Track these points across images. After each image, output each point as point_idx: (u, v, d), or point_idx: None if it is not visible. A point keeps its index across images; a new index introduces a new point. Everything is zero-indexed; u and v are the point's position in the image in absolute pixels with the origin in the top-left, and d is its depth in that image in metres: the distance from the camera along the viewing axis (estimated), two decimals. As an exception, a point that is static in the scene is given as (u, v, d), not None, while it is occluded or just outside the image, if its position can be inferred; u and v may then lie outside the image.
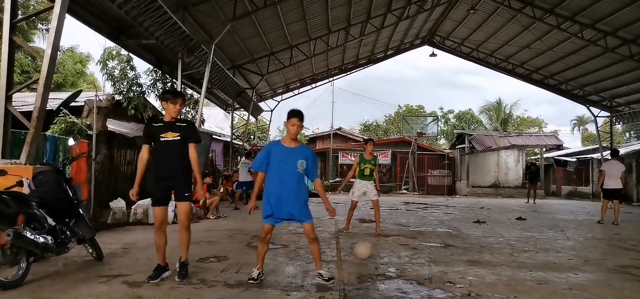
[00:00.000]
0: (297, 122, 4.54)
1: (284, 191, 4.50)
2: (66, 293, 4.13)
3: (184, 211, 4.69)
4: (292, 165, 4.51)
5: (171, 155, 4.61)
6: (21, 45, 8.50)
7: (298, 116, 4.57)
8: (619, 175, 10.91)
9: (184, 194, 4.67)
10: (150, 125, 4.77)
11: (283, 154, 4.56)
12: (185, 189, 4.68)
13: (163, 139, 4.60)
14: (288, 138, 4.63)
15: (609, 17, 15.76)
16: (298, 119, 4.56)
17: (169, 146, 4.61)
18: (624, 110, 23.54)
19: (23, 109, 8.93)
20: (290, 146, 4.61)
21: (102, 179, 10.74)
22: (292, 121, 4.54)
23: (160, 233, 4.72)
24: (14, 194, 4.65)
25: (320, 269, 4.68)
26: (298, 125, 4.55)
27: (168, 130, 4.62)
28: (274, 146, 4.70)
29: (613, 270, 5.66)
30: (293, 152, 4.56)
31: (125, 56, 15.58)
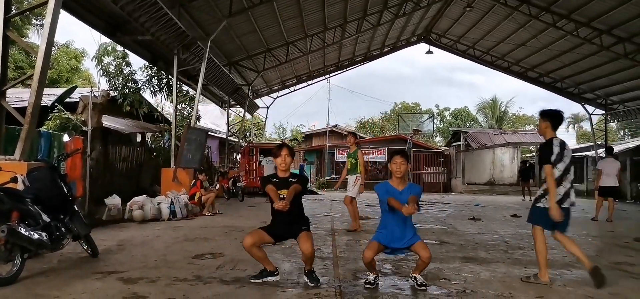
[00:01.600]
0: (399, 161, 4.46)
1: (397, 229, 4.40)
2: (61, 289, 4.12)
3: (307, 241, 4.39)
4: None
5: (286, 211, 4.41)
6: (15, 40, 8.44)
7: (401, 155, 4.50)
8: (615, 173, 10.94)
9: (301, 227, 4.52)
10: (268, 179, 4.67)
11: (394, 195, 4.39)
12: (303, 224, 4.58)
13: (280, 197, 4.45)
14: (395, 179, 4.53)
15: (604, 16, 15.82)
16: (401, 157, 4.48)
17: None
18: (619, 108, 23.67)
19: (17, 105, 8.88)
20: (399, 188, 4.49)
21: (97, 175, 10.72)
22: (395, 160, 4.48)
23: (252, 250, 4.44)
24: (8, 190, 4.62)
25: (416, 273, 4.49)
26: (399, 163, 4.46)
27: (282, 187, 4.53)
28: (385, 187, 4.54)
29: (607, 267, 5.69)
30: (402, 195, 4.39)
31: (120, 52, 15.54)
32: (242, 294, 4.13)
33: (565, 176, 4.70)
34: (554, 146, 4.70)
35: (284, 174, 4.66)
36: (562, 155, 4.70)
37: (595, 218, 11.12)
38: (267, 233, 4.51)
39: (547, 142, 4.78)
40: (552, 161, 4.64)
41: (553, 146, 4.70)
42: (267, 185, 4.56)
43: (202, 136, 14.48)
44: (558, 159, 4.67)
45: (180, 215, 9.79)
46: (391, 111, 47.82)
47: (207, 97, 22.69)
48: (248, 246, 4.37)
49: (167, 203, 9.69)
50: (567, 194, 4.73)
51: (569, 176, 4.72)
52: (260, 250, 4.51)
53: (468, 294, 4.26)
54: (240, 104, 22.81)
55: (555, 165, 4.65)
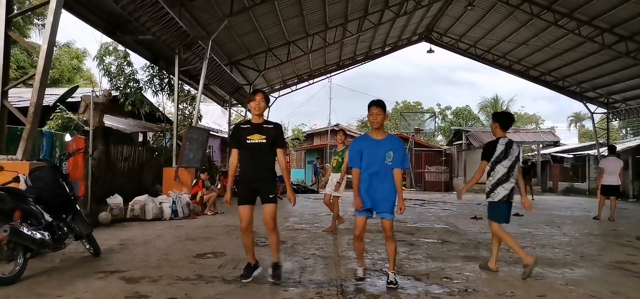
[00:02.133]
0: (375, 111, 4.43)
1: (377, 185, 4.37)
2: (63, 288, 4.13)
3: (270, 212, 4.48)
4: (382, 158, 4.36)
5: (257, 158, 4.49)
6: (17, 40, 8.48)
7: (376, 104, 4.46)
8: (617, 172, 10.87)
9: (268, 195, 4.50)
10: (238, 127, 4.68)
11: (371, 146, 4.43)
12: (270, 191, 4.52)
13: (249, 141, 4.47)
14: (374, 130, 4.52)
15: (606, 14, 15.77)
16: (376, 106, 4.44)
17: (254, 149, 4.48)
18: (621, 106, 23.61)
19: (19, 105, 8.91)
20: (378, 137, 4.47)
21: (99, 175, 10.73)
22: (371, 111, 4.45)
23: (248, 233, 4.52)
24: (10, 190, 4.64)
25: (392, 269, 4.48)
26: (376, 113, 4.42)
27: (254, 132, 4.49)
28: (363, 140, 4.56)
29: (609, 266, 5.69)
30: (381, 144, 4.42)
31: (122, 52, 15.52)
32: (244, 293, 4.14)
33: (511, 173, 5.07)
34: (499, 144, 5.12)
35: (258, 120, 4.57)
36: (506, 153, 5.07)
37: (598, 217, 11.08)
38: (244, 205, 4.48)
39: (493, 141, 5.20)
40: (492, 159, 5.10)
41: (498, 144, 5.12)
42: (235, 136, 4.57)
43: (204, 136, 14.48)
44: (502, 157, 5.06)
45: (182, 214, 9.80)
46: (393, 110, 47.78)
47: (209, 96, 22.69)
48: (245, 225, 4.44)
49: (169, 203, 9.70)
50: (513, 189, 5.13)
51: (513, 173, 5.09)
52: (252, 235, 4.56)
53: (470, 293, 4.26)
54: (241, 103, 22.81)
55: (499, 162, 5.07)
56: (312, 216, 10.81)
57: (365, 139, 4.55)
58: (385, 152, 4.37)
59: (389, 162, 4.38)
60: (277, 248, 4.61)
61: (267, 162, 4.53)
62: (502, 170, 5.05)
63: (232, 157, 4.64)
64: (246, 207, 4.48)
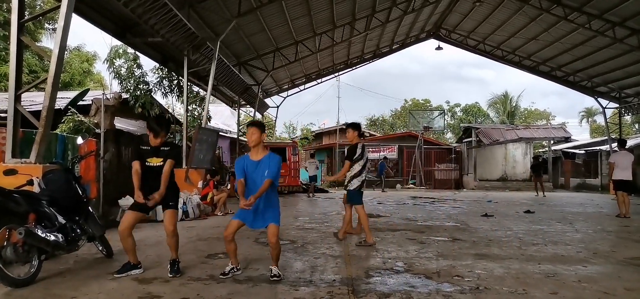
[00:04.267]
0: (251, 131, 4.66)
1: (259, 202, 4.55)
2: (77, 289, 4.18)
3: (169, 219, 4.81)
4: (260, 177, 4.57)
5: (155, 178, 4.79)
6: (29, 45, 8.58)
7: (253, 124, 4.73)
8: (629, 166, 10.68)
9: (169, 203, 4.85)
10: (139, 147, 4.98)
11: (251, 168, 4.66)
12: (170, 199, 4.85)
13: (148, 164, 4.83)
14: (253, 150, 4.72)
15: (617, 8, 15.59)
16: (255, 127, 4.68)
17: (153, 170, 4.82)
18: (633, 101, 23.30)
19: (32, 109, 9.02)
20: (257, 158, 4.68)
21: (110, 177, 10.84)
22: (249, 130, 4.70)
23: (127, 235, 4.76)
24: (24, 192, 4.70)
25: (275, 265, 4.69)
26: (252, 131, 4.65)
27: (153, 155, 4.85)
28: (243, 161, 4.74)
29: (622, 262, 5.63)
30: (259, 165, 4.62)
31: (131, 54, 15.68)
32: (255, 293, 4.16)
33: (364, 169, 6.77)
34: (358, 148, 6.73)
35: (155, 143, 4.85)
36: (362, 155, 6.76)
37: (622, 214, 10.59)
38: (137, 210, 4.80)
39: (354, 145, 6.79)
40: (353, 159, 6.69)
41: (357, 148, 6.73)
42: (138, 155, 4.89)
43: (213, 136, 14.54)
44: (359, 157, 6.71)
45: (193, 215, 9.87)
46: (401, 108, 47.66)
47: (218, 97, 22.81)
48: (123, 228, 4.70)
49: (180, 203, 9.76)
50: (364, 181, 6.79)
51: (365, 170, 6.81)
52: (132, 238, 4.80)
53: (481, 291, 4.23)
54: (250, 103, 22.89)
55: (356, 161, 6.68)
56: (322, 216, 10.82)
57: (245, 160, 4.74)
58: (264, 172, 4.57)
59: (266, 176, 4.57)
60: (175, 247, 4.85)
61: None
62: (358, 167, 6.69)
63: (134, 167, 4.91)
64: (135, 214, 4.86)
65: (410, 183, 27.46)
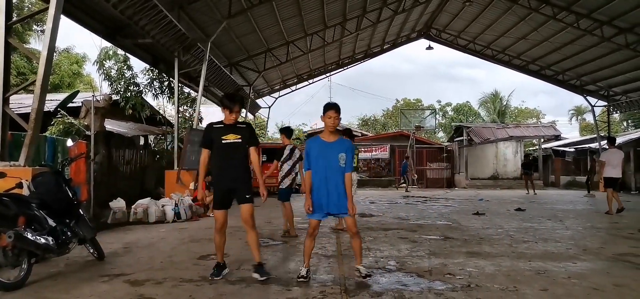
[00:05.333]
0: (333, 114, 4.47)
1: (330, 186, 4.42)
2: (69, 292, 4.15)
3: (247, 211, 4.59)
4: (334, 159, 4.41)
5: (232, 157, 4.57)
6: (17, 47, 8.48)
7: (334, 108, 4.51)
8: (619, 164, 10.77)
9: (245, 196, 4.60)
10: (211, 127, 4.71)
11: (323, 148, 4.48)
12: (246, 192, 4.61)
13: (224, 141, 4.55)
14: (326, 132, 4.55)
15: (605, 7, 15.78)
16: (334, 111, 4.49)
17: (229, 149, 4.56)
18: (621, 99, 23.59)
19: (20, 112, 8.92)
20: (329, 140, 4.52)
21: (101, 179, 10.76)
22: (329, 114, 4.48)
23: (221, 234, 4.68)
24: (14, 195, 4.66)
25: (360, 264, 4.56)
26: (334, 117, 4.47)
27: (229, 132, 4.57)
28: (312, 142, 4.61)
29: (611, 259, 5.70)
30: (333, 147, 4.47)
31: (121, 56, 15.57)
32: (247, 294, 4.15)
33: (293, 168, 7.45)
34: (286, 150, 7.50)
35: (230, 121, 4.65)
36: (290, 156, 7.46)
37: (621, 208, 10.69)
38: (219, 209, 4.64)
39: (282, 148, 7.60)
40: (281, 160, 7.46)
41: (285, 150, 7.51)
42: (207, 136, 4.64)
43: (205, 138, 14.49)
44: (287, 158, 7.43)
45: (185, 217, 9.82)
46: (393, 107, 47.79)
47: (209, 98, 22.69)
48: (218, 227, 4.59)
49: (172, 205, 9.72)
50: (294, 179, 7.55)
51: (295, 168, 7.46)
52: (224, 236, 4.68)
53: (473, 289, 4.27)
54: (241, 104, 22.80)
55: (285, 162, 7.42)
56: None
57: (315, 141, 4.59)
58: (337, 155, 4.42)
59: (342, 165, 4.44)
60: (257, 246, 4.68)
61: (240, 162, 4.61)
62: (287, 167, 7.41)
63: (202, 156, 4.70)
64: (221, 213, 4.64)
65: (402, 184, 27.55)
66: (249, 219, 4.59)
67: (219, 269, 4.68)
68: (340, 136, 4.67)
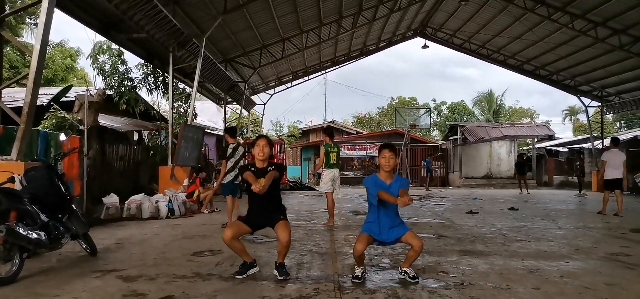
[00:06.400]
0: (387, 154, 4.51)
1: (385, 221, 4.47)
2: (61, 288, 4.12)
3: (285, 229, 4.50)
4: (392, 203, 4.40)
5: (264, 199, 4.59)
6: (9, 40, 8.42)
7: (388, 147, 4.58)
8: (620, 164, 10.69)
9: (279, 216, 4.62)
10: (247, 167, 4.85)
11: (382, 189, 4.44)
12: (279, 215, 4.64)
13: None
14: (382, 172, 4.57)
15: (599, 8, 15.87)
16: (388, 150, 4.54)
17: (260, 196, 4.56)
18: (614, 100, 23.76)
19: (13, 105, 8.85)
20: (387, 181, 4.53)
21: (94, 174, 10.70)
22: (383, 154, 4.53)
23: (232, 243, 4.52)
24: (5, 190, 4.62)
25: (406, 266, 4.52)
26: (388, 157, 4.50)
27: (260, 176, 4.62)
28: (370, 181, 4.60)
29: (603, 258, 5.74)
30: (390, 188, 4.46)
31: (116, 51, 15.48)
32: (241, 290, 4.14)
33: (235, 166, 7.84)
34: (229, 148, 7.98)
35: (262, 164, 4.76)
36: (234, 154, 7.93)
37: (603, 212, 10.73)
38: (244, 223, 4.63)
39: (227, 146, 8.10)
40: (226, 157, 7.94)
41: (229, 148, 7.99)
42: (245, 172, 4.72)
43: (199, 134, 14.46)
44: (230, 155, 7.92)
45: (179, 213, 9.80)
46: (388, 105, 47.85)
47: (204, 94, 22.65)
48: (229, 239, 4.43)
49: (165, 201, 9.69)
50: (237, 175, 7.78)
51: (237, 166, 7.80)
52: (239, 242, 4.61)
53: (466, 287, 4.28)
54: (236, 101, 22.78)
55: (228, 159, 7.90)
56: (308, 213, 10.83)
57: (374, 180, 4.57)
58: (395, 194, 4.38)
59: None
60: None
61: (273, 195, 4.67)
62: (230, 164, 7.88)
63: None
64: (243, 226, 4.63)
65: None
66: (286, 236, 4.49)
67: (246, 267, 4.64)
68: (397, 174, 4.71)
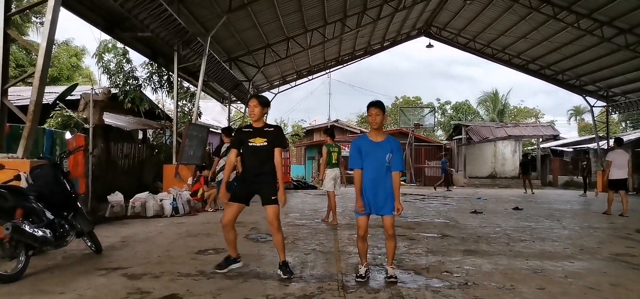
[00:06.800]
0: (374, 111, 4.42)
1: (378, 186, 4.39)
2: (66, 285, 4.15)
3: (273, 213, 4.59)
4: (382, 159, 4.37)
5: (258, 160, 4.63)
6: (16, 38, 8.45)
7: (376, 105, 4.45)
8: (625, 164, 10.65)
9: (270, 197, 4.60)
10: (240, 130, 4.90)
11: (371, 148, 4.43)
12: (271, 193, 4.62)
13: (251, 144, 4.62)
14: (372, 131, 4.53)
15: (605, 7, 15.77)
16: (375, 107, 4.43)
17: (256, 151, 4.62)
18: (620, 100, 23.61)
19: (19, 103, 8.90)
20: (377, 139, 4.48)
21: (99, 172, 10.75)
22: (371, 112, 4.44)
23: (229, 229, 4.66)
24: (11, 188, 4.64)
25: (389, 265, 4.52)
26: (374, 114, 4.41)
27: (257, 136, 4.64)
28: (361, 141, 4.57)
29: (608, 258, 5.72)
30: (381, 146, 4.42)
31: (121, 49, 15.53)
32: (245, 289, 4.15)
33: None
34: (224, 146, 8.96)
35: (258, 124, 4.74)
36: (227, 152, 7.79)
37: (608, 212, 10.68)
38: (237, 201, 4.65)
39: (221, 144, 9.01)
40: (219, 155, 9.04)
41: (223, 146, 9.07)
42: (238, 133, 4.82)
43: (204, 132, 14.49)
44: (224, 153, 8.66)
45: (183, 211, 9.82)
46: (392, 105, 47.75)
47: (208, 93, 22.68)
48: (228, 221, 4.56)
49: (170, 200, 9.71)
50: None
51: None
52: (234, 232, 4.71)
53: (470, 287, 4.28)
54: (241, 99, 22.80)
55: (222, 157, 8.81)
56: (312, 212, 10.83)
57: (363, 140, 4.55)
58: (385, 155, 4.37)
59: (389, 164, 4.39)
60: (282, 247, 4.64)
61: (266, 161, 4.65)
62: (222, 162, 8.81)
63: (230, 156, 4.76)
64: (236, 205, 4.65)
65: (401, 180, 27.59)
66: (275, 220, 4.58)
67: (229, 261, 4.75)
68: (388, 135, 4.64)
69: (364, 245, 4.55)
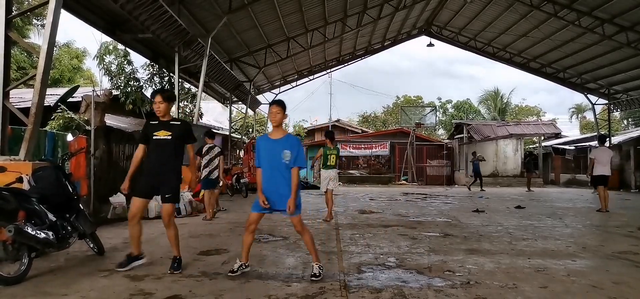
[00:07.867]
0: (275, 109, 4.55)
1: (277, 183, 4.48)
2: (69, 287, 4.15)
3: (165, 212, 4.81)
4: (278, 156, 4.47)
5: (161, 153, 4.74)
6: (17, 41, 8.46)
7: (276, 103, 4.60)
8: (608, 161, 10.97)
9: (165, 195, 4.77)
10: (147, 123, 4.94)
11: (269, 146, 4.57)
12: (168, 191, 4.78)
13: (155, 137, 4.75)
14: (273, 129, 4.67)
15: (606, 5, 15.75)
16: (276, 106, 4.56)
17: (159, 145, 4.74)
18: (622, 97, 23.57)
19: (21, 106, 8.92)
20: (274, 137, 4.60)
21: (101, 174, 10.75)
22: (272, 110, 4.58)
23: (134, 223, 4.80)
24: (14, 190, 4.65)
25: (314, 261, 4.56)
26: (275, 112, 4.54)
27: (161, 129, 4.76)
28: (261, 140, 4.74)
29: (611, 256, 5.70)
30: (278, 144, 4.53)
31: (122, 51, 15.53)
32: (247, 289, 4.15)
33: (210, 163, 9.15)
34: (205, 147, 9.16)
35: (164, 119, 4.85)
36: (208, 152, 9.19)
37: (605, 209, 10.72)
38: (138, 196, 4.78)
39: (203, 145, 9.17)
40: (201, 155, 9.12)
41: (204, 147, 9.14)
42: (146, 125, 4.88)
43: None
44: (206, 153, 9.18)
45: (185, 212, 9.83)
46: (393, 104, 47.76)
47: (209, 94, 22.71)
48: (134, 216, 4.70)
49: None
50: (212, 171, 9.18)
51: (212, 163, 9.17)
52: (139, 226, 4.80)
53: (472, 286, 4.27)
54: (242, 100, 22.82)
55: (203, 157, 9.12)
56: (314, 212, 10.83)
57: (263, 139, 4.72)
58: (281, 152, 4.47)
59: (286, 161, 4.46)
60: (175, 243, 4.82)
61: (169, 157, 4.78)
62: (204, 161, 9.12)
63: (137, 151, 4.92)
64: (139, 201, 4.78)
65: (403, 179, 27.56)
66: (165, 217, 4.80)
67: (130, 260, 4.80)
68: (288, 133, 4.75)
69: (248, 239, 4.61)
